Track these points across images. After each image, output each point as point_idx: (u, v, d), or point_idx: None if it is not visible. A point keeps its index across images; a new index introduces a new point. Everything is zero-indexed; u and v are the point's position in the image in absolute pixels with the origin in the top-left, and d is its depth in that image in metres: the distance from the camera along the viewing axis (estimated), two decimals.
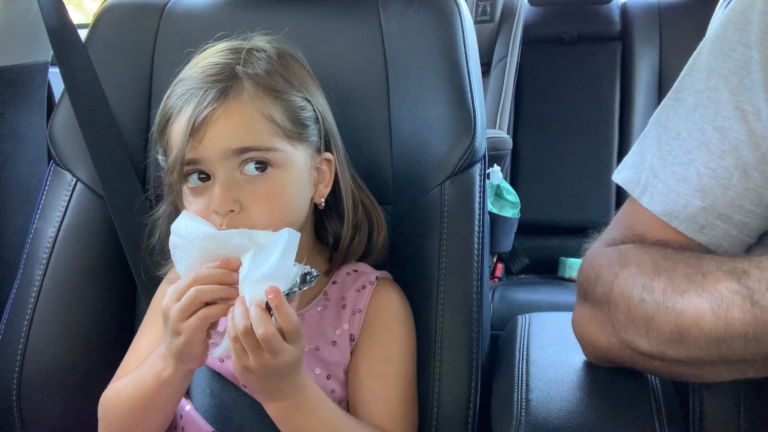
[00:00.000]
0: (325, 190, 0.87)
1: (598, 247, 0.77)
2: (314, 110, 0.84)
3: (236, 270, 0.72)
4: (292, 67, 0.85)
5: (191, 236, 0.74)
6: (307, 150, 0.83)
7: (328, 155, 0.86)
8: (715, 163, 0.67)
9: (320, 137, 0.85)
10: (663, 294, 0.63)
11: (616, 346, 0.70)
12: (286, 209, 0.80)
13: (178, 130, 0.79)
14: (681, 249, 0.68)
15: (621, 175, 0.77)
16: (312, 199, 0.86)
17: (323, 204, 0.87)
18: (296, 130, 0.81)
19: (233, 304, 0.70)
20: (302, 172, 0.82)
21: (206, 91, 0.78)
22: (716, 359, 0.61)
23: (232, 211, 0.77)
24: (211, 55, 0.83)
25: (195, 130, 0.77)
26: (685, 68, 0.74)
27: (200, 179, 0.79)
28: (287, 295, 0.70)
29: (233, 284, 0.71)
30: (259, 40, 0.87)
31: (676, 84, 0.74)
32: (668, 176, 0.71)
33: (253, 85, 0.79)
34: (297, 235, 0.73)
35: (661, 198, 0.71)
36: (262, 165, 0.78)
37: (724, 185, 0.67)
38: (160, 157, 0.84)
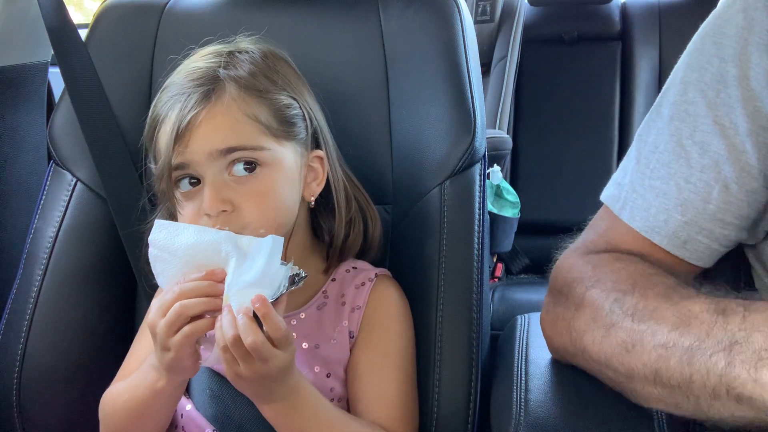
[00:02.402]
0: (318, 188, 0.86)
1: (572, 255, 0.76)
2: (301, 108, 0.84)
3: (222, 281, 0.71)
4: (277, 66, 0.85)
5: (172, 247, 0.72)
6: (295, 148, 0.83)
7: (318, 152, 0.86)
8: (695, 177, 0.68)
9: (309, 134, 0.85)
10: (634, 308, 0.63)
11: (571, 351, 0.71)
12: (278, 208, 0.80)
13: (163, 136, 0.79)
14: (658, 267, 0.68)
15: (606, 192, 0.77)
16: (303, 197, 0.85)
17: (313, 202, 0.87)
18: (283, 129, 0.81)
19: (210, 324, 0.69)
20: (292, 170, 0.82)
21: (189, 96, 0.78)
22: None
23: (224, 211, 0.77)
24: (195, 60, 0.84)
25: (180, 136, 0.77)
26: (666, 82, 0.74)
27: (191, 184, 0.79)
28: (275, 299, 0.69)
29: (219, 295, 0.70)
30: (244, 42, 0.87)
31: (657, 98, 0.74)
32: (647, 190, 0.71)
33: (236, 86, 0.79)
34: (281, 240, 0.72)
35: (642, 214, 0.71)
36: (251, 165, 0.78)
37: (705, 199, 0.67)
38: (152, 165, 0.84)
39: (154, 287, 0.92)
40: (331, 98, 0.92)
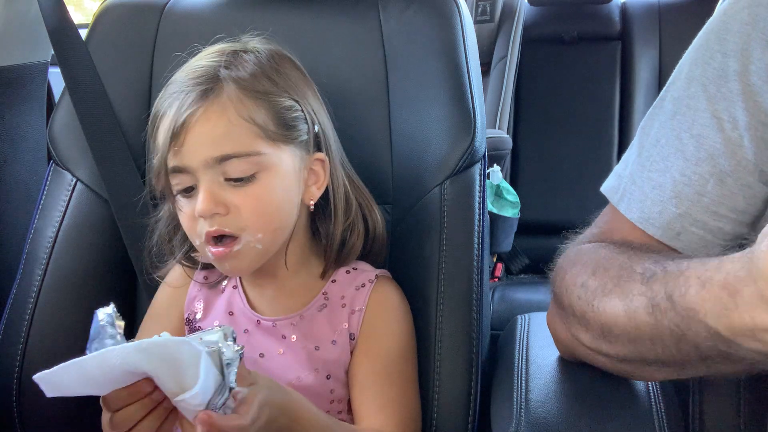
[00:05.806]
0: (317, 192, 0.86)
1: (571, 248, 0.78)
2: (303, 110, 0.84)
3: (152, 390, 0.63)
4: (281, 68, 0.84)
5: (77, 389, 0.62)
6: (294, 151, 0.82)
7: (320, 155, 0.85)
8: (690, 170, 0.68)
9: (310, 137, 0.84)
10: (593, 293, 0.65)
11: (569, 340, 0.73)
12: (273, 212, 0.80)
13: (161, 134, 0.80)
14: (642, 248, 0.69)
15: (606, 183, 0.78)
16: (303, 200, 0.85)
17: (312, 206, 0.86)
18: (281, 132, 0.80)
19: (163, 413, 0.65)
20: (289, 174, 0.81)
21: (187, 93, 0.78)
22: (653, 358, 0.62)
23: (218, 213, 0.77)
24: (199, 58, 0.84)
25: (175, 135, 0.77)
26: (670, 77, 0.74)
27: (187, 188, 0.79)
28: (224, 401, 0.63)
29: (157, 402, 0.65)
30: (253, 42, 0.87)
31: (661, 92, 0.75)
32: (645, 183, 0.72)
33: (235, 87, 0.79)
34: (213, 354, 0.63)
35: (638, 205, 0.72)
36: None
37: (699, 192, 0.68)
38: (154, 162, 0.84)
39: (154, 281, 0.92)
40: (331, 98, 0.92)
